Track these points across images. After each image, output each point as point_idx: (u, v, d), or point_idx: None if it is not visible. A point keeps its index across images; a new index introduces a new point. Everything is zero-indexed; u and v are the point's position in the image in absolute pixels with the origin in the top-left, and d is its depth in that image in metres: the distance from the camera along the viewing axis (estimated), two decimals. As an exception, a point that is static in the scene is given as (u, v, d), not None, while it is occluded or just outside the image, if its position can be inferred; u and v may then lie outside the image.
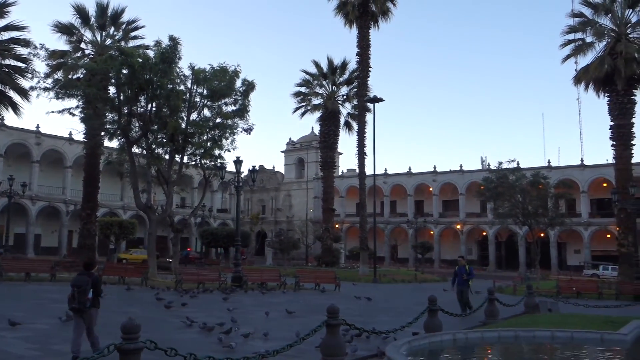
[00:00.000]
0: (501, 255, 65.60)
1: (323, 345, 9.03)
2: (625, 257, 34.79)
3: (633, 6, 36.39)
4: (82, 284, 8.81)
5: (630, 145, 36.31)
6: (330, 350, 8.86)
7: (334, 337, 8.93)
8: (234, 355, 8.63)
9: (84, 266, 9.30)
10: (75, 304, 8.79)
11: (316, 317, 13.84)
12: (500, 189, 40.96)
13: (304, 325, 12.49)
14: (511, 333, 11.68)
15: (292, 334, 11.12)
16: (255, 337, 11.79)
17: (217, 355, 7.61)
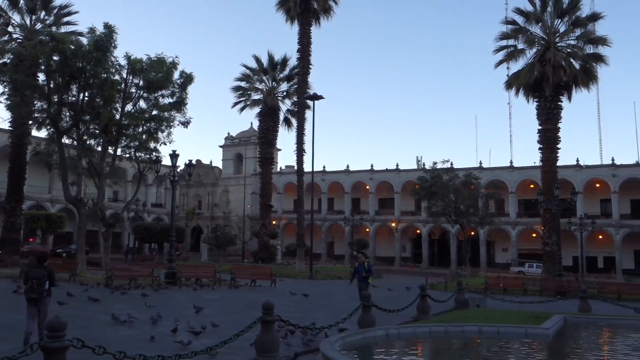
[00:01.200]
0: (434, 252, 67.39)
1: (257, 341, 8.99)
2: (549, 255, 36.50)
3: (562, 16, 38.16)
4: (40, 276, 9.91)
5: (556, 149, 38.06)
6: (265, 347, 8.83)
7: (269, 334, 8.90)
8: (182, 351, 8.44)
9: (37, 260, 10.46)
10: (34, 295, 9.85)
11: (251, 313, 13.76)
12: (434, 188, 42.17)
13: (239, 322, 12.39)
14: (441, 328, 12.04)
15: (226, 331, 11.02)
16: (188, 334, 11.59)
17: (148, 353, 7.42)
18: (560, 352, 11.35)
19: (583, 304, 18.35)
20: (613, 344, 12.60)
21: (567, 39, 38.82)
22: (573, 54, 38.20)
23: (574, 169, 59.05)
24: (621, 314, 17.43)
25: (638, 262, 56.75)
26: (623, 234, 56.87)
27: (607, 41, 37.20)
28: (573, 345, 12.06)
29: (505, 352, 10.88)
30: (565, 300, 22.45)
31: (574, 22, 38.05)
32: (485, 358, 10.29)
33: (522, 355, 10.77)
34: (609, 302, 21.46)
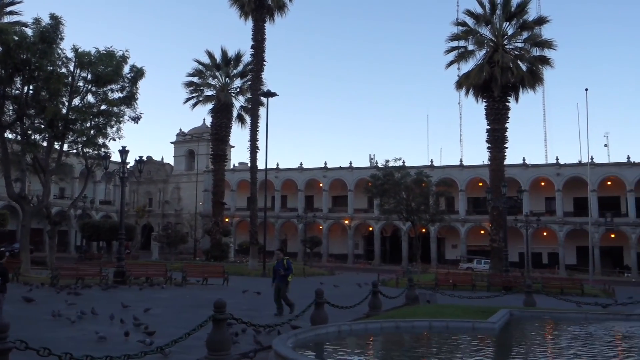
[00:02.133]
0: (386, 249, 68.28)
1: (209, 340, 8.89)
2: (496, 252, 37.56)
3: (510, 19, 39.25)
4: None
5: (503, 148, 39.16)
6: (216, 345, 8.74)
7: (220, 332, 8.82)
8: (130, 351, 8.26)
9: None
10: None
11: (203, 312, 13.61)
12: (387, 186, 42.70)
13: (190, 321, 12.22)
14: (392, 324, 12.23)
15: (177, 329, 10.86)
16: (139, 333, 11.37)
17: (94, 353, 7.25)
18: (506, 345, 11.71)
19: (528, 299, 18.95)
20: (556, 336, 13.09)
21: (515, 41, 39.99)
22: (520, 56, 39.35)
23: (520, 168, 60.91)
24: (563, 307, 18.11)
25: (580, 257, 59.05)
26: (566, 230, 59.05)
27: (553, 44, 38.51)
28: (518, 339, 12.45)
29: (453, 346, 11.14)
30: (511, 295, 23.15)
31: (521, 26, 39.20)
32: (434, 352, 10.50)
33: (469, 349, 11.05)
34: (552, 296, 22.24)
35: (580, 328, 13.38)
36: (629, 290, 33.46)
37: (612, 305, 19.01)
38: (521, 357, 10.31)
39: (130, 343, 10.43)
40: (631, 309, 16.50)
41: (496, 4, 38.81)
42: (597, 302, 20.56)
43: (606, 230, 57.92)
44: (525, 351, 10.81)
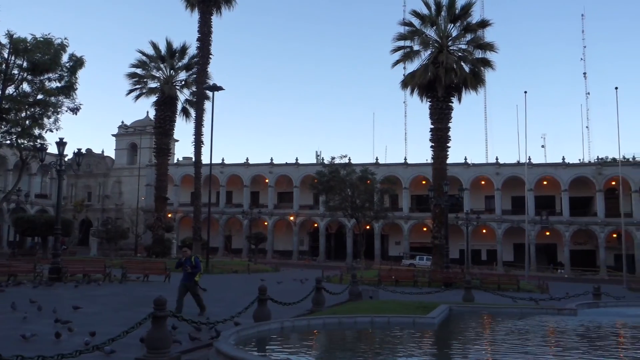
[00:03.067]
0: (331, 246, 68.70)
1: (148, 338, 8.68)
2: (438, 248, 38.39)
3: (454, 21, 40.08)
4: None
5: (446, 147, 39.99)
6: (156, 343, 8.54)
7: (160, 330, 8.62)
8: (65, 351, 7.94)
9: None
10: None
11: (143, 309, 13.27)
12: (332, 182, 42.97)
13: (129, 319, 11.91)
14: (335, 320, 12.30)
15: (115, 328, 10.54)
16: (76, 333, 10.97)
17: (26, 353, 6.94)
18: (445, 339, 11.98)
19: (467, 294, 19.48)
20: (492, 330, 13.50)
21: (459, 43, 40.85)
22: (464, 58, 40.27)
23: (462, 167, 62.52)
24: (500, 302, 18.71)
25: (517, 254, 61.19)
26: (504, 228, 61.08)
27: (494, 47, 39.60)
28: (457, 333, 12.77)
29: (394, 341, 11.31)
30: (451, 291, 23.74)
31: (465, 28, 40.10)
32: (376, 347, 10.62)
33: (410, 343, 11.24)
34: (490, 292, 22.96)
35: (515, 322, 13.85)
36: (562, 285, 34.93)
37: (546, 301, 19.79)
38: (459, 350, 10.57)
39: (65, 342, 10.05)
40: (562, 304, 17.21)
41: (441, 5, 39.55)
42: (532, 297, 21.38)
43: (542, 228, 60.26)
44: (462, 345, 11.10)
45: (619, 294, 24.63)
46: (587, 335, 12.40)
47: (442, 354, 10.47)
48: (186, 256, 15.13)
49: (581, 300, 17.82)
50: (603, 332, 12.87)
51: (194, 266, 14.75)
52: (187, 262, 14.81)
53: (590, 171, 60.42)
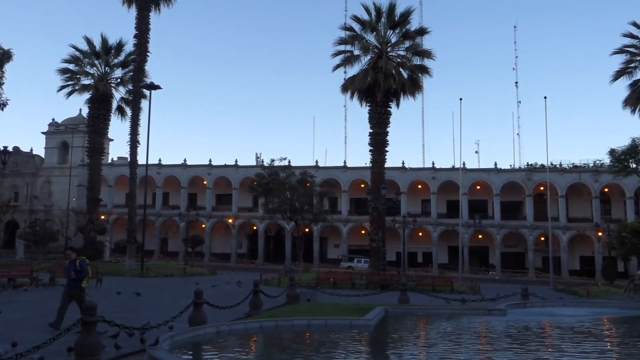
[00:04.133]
0: (269, 249, 68.38)
1: (77, 344, 8.34)
2: (375, 251, 38.95)
3: (394, 28, 40.86)
4: None
5: (384, 151, 40.67)
6: (86, 350, 8.22)
7: (90, 336, 8.30)
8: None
9: None
10: None
11: (73, 315, 12.74)
12: (272, 185, 42.77)
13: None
14: (272, 323, 12.24)
15: (42, 335, 10.08)
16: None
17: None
18: (380, 340, 12.16)
19: (402, 296, 19.84)
20: (426, 331, 13.80)
21: (398, 49, 41.68)
22: (402, 64, 41.11)
23: (400, 171, 63.71)
24: (434, 304, 19.18)
25: (451, 256, 62.89)
26: (439, 231, 62.69)
27: (432, 55, 40.67)
28: (392, 334, 12.98)
29: (331, 343, 11.36)
30: (387, 293, 24.13)
31: (404, 35, 40.96)
32: (312, 350, 10.63)
33: (346, 345, 11.33)
34: (425, 293, 23.49)
35: (447, 323, 14.22)
36: (493, 287, 36.15)
37: (478, 302, 20.44)
38: (395, 351, 10.74)
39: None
40: (492, 305, 17.81)
41: (381, 12, 40.22)
42: (465, 298, 22.05)
43: (475, 231, 62.25)
44: (397, 345, 11.28)
45: (545, 294, 25.74)
46: (514, 335, 12.88)
47: (378, 355, 10.60)
48: (70, 259, 12.98)
49: (510, 301, 18.50)
50: (529, 331, 13.41)
51: (79, 271, 12.52)
52: (71, 267, 12.63)
53: (520, 177, 62.95)
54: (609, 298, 26.45)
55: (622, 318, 16.61)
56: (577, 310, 17.53)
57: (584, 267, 60.25)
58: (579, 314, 16.58)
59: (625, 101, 36.56)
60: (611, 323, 15.80)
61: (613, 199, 62.25)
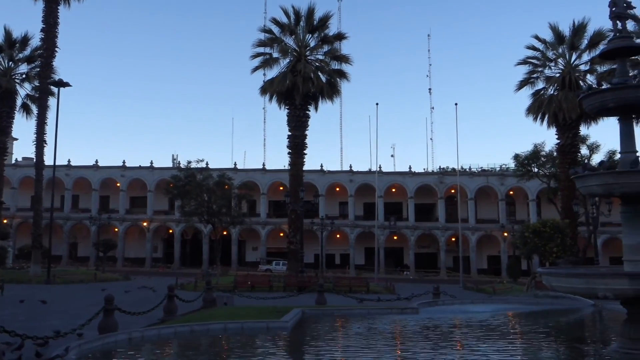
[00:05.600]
0: (186, 252, 66.98)
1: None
2: (293, 253, 39.12)
3: (313, 32, 41.28)
4: None
5: (303, 154, 40.95)
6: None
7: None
8: None
9: None
10: None
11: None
12: (188, 187, 41.98)
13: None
14: (187, 328, 12.02)
15: None
16: None
17: None
18: (297, 341, 12.25)
19: (319, 297, 20.08)
20: (342, 331, 14.04)
21: (317, 53, 42.15)
22: (321, 68, 41.60)
23: (318, 174, 64.42)
24: (350, 304, 19.55)
25: (367, 258, 64.29)
26: (356, 233, 63.92)
27: (350, 60, 41.44)
28: (308, 335, 13.11)
29: (247, 347, 11.32)
30: (305, 295, 24.30)
31: (322, 39, 41.48)
32: (228, 354, 10.55)
33: (262, 348, 11.33)
34: (342, 294, 23.88)
35: (362, 322, 14.55)
36: (407, 286, 37.32)
37: (392, 301, 21.04)
38: (311, 351, 10.87)
39: None
40: (406, 304, 18.40)
41: (300, 15, 40.52)
42: (380, 298, 22.64)
43: (390, 233, 63.99)
44: (313, 346, 11.42)
45: (455, 292, 26.90)
46: (425, 332, 13.38)
47: (294, 356, 10.68)
48: None
49: (422, 300, 19.19)
50: (439, 328, 13.98)
51: None
52: None
53: (433, 180, 65.40)
54: (513, 295, 28.06)
55: (524, 313, 17.69)
56: (483, 307, 18.45)
57: (491, 266, 63.51)
58: (486, 310, 17.47)
59: (529, 109, 38.84)
60: (514, 318, 16.78)
61: (517, 201, 66.04)
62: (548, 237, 32.53)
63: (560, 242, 32.45)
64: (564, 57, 38.09)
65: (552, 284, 9.32)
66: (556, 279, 9.15)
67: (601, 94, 9.49)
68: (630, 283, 8.23)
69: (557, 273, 9.24)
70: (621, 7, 9.79)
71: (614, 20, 9.82)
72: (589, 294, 10.44)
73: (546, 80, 38.73)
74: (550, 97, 37.53)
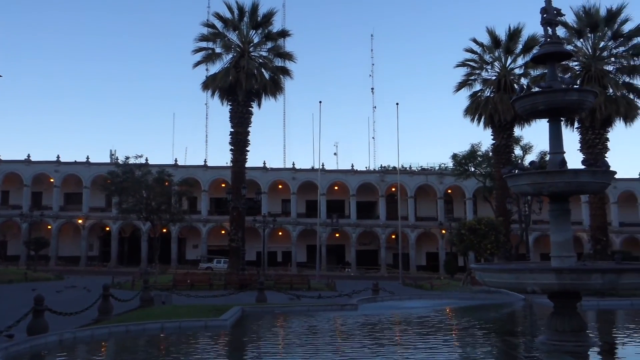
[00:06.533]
0: (124, 251, 65.18)
1: None
2: (235, 251, 38.77)
3: (256, 28, 40.98)
4: None
5: (245, 151, 40.63)
6: None
7: None
8: None
9: None
10: None
11: None
12: (126, 183, 40.83)
13: None
14: (122, 328, 11.73)
15: None
16: None
17: None
18: (236, 340, 12.17)
19: (260, 295, 20.02)
20: (282, 327, 14.05)
21: (260, 50, 41.86)
22: (264, 65, 41.38)
23: (261, 171, 64.08)
24: (291, 302, 19.58)
25: (309, 255, 64.47)
26: (299, 230, 64.01)
27: (293, 57, 41.41)
28: (248, 333, 13.04)
29: (185, 345, 11.15)
30: (245, 293, 24.16)
31: (266, 35, 41.25)
32: (163, 354, 10.35)
33: (200, 346, 11.19)
34: (283, 292, 23.88)
35: (302, 319, 14.61)
36: (348, 283, 37.66)
37: (332, 298, 21.21)
38: (250, 349, 10.81)
39: None
40: (345, 300, 18.61)
41: (244, 11, 40.15)
42: (321, 295, 22.75)
43: (332, 230, 64.45)
44: (253, 344, 11.37)
45: (394, 289, 27.39)
46: (363, 327, 13.57)
47: (233, 355, 10.60)
48: None
49: (362, 296, 19.45)
50: (377, 323, 14.21)
51: None
52: None
53: (374, 178, 66.32)
54: (450, 290, 28.85)
55: (460, 308, 18.25)
56: (420, 302, 18.93)
57: (430, 263, 65.04)
58: (422, 306, 17.92)
59: (466, 110, 39.97)
60: (450, 313, 17.27)
61: (455, 199, 67.92)
62: (483, 234, 33.60)
63: (494, 239, 33.58)
64: (500, 61, 39.44)
65: (485, 280, 9.64)
66: (488, 274, 9.47)
67: (532, 96, 9.89)
68: (556, 278, 8.62)
69: (489, 269, 9.58)
70: (552, 14, 10.23)
71: (545, 26, 10.24)
72: (519, 288, 10.88)
73: (483, 82, 39.98)
74: (487, 99, 38.75)
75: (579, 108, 10.26)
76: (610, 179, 9.54)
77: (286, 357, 10.11)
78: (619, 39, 34.50)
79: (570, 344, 8.88)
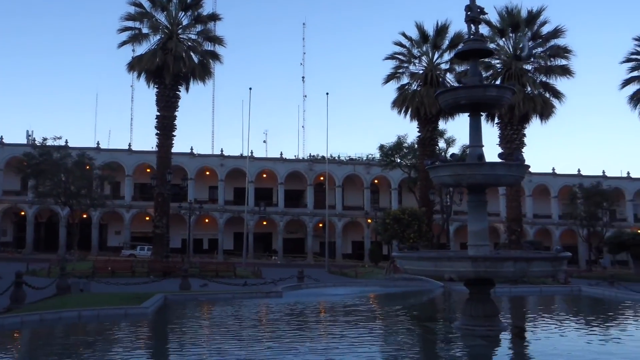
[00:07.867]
0: (40, 237, 62.18)
1: None
2: (159, 238, 37.90)
3: (186, 10, 39.95)
4: None
5: (171, 136, 39.65)
6: None
7: None
8: None
9: None
10: None
11: None
12: (43, 166, 38.92)
13: None
14: (36, 317, 11.26)
15: None
16: None
17: None
18: (157, 328, 11.94)
19: (184, 283, 19.72)
20: (205, 315, 13.92)
21: (189, 32, 40.83)
22: (193, 48, 40.44)
23: (188, 157, 62.79)
24: (216, 289, 19.40)
25: (237, 243, 63.96)
26: (226, 218, 63.33)
27: (223, 41, 40.68)
28: (169, 320, 12.84)
29: (103, 334, 10.84)
30: (169, 280, 23.71)
31: (196, 18, 40.28)
32: (79, 343, 10.01)
33: (119, 335, 10.90)
34: (208, 279, 23.61)
35: (226, 307, 14.54)
36: (275, 271, 37.73)
37: (258, 285, 21.22)
38: (172, 337, 10.65)
39: None
40: (270, 288, 18.67)
41: (172, -8, 39.05)
42: (246, 282, 22.75)
43: (260, 218, 64.21)
44: (174, 332, 11.20)
45: (320, 276, 27.75)
46: (287, 313, 13.69)
47: (153, 342, 10.40)
48: None
49: (287, 284, 19.57)
50: (300, 310, 14.37)
51: None
52: None
53: (303, 167, 66.56)
54: (373, 278, 29.55)
55: (382, 295, 18.74)
56: (345, 289, 19.27)
57: (356, 251, 66.19)
58: (346, 293, 18.26)
59: (394, 102, 40.82)
60: (372, 299, 17.71)
61: (381, 189, 69.37)
62: (406, 223, 34.60)
63: (417, 229, 34.67)
64: (427, 55, 40.47)
65: (405, 267, 9.95)
66: (408, 262, 9.77)
67: (455, 91, 10.26)
68: (472, 265, 9.02)
69: (409, 257, 9.87)
70: (475, 12, 10.61)
71: (468, 23, 10.61)
72: (437, 275, 11.30)
73: (411, 76, 40.91)
74: (414, 92, 39.72)
75: (498, 103, 10.73)
76: (524, 172, 10.06)
77: (209, 344, 10.03)
78: (537, 39, 36.30)
79: (484, 328, 9.32)
